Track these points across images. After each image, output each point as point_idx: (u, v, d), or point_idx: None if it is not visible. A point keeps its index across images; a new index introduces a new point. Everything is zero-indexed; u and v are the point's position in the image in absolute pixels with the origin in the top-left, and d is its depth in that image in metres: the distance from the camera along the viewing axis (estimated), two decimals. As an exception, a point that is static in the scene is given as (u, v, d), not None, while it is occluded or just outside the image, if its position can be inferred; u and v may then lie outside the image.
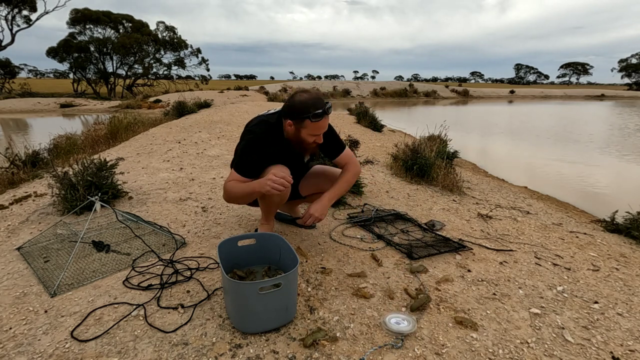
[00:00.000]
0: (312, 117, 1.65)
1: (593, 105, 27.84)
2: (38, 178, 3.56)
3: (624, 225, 2.85)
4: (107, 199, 2.65)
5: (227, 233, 2.26)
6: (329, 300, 1.57)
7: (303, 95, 1.69)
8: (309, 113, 1.65)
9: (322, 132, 1.75)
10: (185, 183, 3.30)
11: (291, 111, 1.70)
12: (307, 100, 1.66)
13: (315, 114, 1.65)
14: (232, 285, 1.33)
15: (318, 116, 1.66)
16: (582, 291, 1.78)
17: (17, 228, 2.33)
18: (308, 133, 1.72)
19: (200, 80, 36.31)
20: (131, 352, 1.26)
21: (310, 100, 1.66)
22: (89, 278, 1.72)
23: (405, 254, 2.03)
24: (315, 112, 1.64)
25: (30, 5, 24.69)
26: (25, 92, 24.84)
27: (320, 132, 1.74)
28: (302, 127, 1.70)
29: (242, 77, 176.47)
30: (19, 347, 1.29)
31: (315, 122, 1.67)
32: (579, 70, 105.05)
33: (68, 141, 5.77)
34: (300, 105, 1.67)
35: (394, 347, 1.31)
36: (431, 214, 2.81)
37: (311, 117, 1.65)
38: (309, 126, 1.69)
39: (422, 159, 3.83)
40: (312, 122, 1.67)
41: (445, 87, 41.60)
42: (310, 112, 1.65)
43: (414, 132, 6.47)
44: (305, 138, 1.74)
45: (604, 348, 1.38)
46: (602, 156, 7.79)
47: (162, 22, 58.34)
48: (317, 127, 1.70)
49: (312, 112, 1.64)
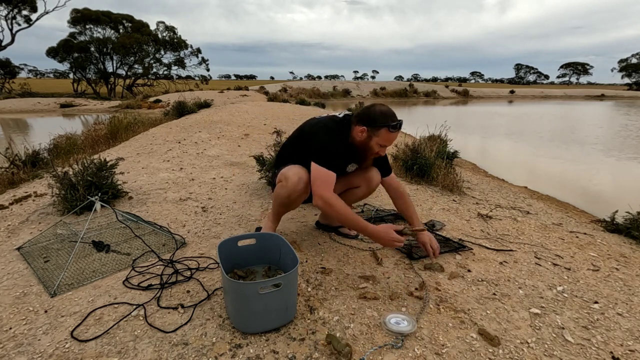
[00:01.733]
0: (390, 127, 1.74)
1: (593, 105, 27.84)
2: (38, 178, 3.56)
3: (624, 225, 2.84)
4: (107, 199, 2.65)
5: (227, 233, 2.26)
6: (329, 300, 1.57)
7: (383, 107, 1.79)
8: (388, 123, 1.74)
9: (390, 144, 1.83)
10: (185, 183, 3.30)
11: (369, 118, 1.77)
12: (387, 111, 1.77)
13: (393, 125, 1.74)
14: (232, 285, 1.33)
15: (395, 127, 1.75)
16: (582, 291, 1.78)
17: (17, 228, 2.33)
18: (378, 142, 1.78)
19: (200, 80, 36.32)
20: (131, 352, 1.26)
21: (390, 112, 1.77)
22: (89, 278, 1.72)
23: (405, 254, 2.03)
24: (393, 123, 1.74)
25: (30, 5, 24.69)
26: (25, 92, 24.84)
27: (389, 144, 1.82)
28: (375, 135, 1.77)
29: (242, 77, 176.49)
30: (19, 347, 1.29)
31: (391, 132, 1.76)
32: (579, 70, 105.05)
33: (68, 141, 5.77)
34: (380, 115, 1.76)
35: (394, 347, 1.31)
36: (431, 214, 2.81)
37: (390, 127, 1.74)
38: (383, 135, 1.76)
39: (422, 159, 3.83)
40: (389, 131, 1.75)
41: (445, 87, 41.61)
42: (389, 122, 1.74)
43: (414, 132, 6.47)
44: (373, 146, 1.80)
45: (604, 348, 1.38)
46: (608, 158, 7.78)
47: (162, 22, 58.35)
48: (390, 138, 1.78)
49: (391, 122, 1.74)
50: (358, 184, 2.07)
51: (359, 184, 2.07)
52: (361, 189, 2.08)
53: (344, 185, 2.10)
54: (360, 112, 1.83)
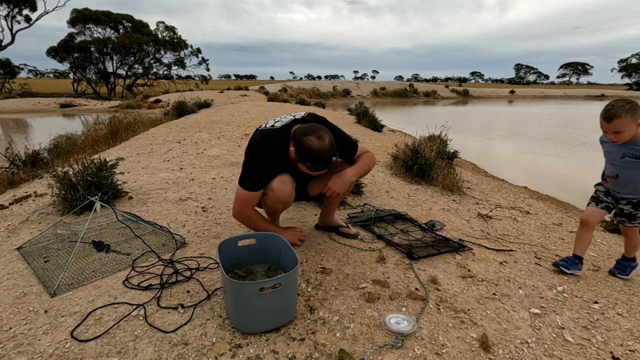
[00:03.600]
0: (309, 167, 1.72)
1: (593, 105, 27.84)
2: (38, 178, 3.56)
3: (624, 225, 2.84)
4: (107, 199, 2.65)
5: (227, 233, 2.26)
6: (329, 300, 1.57)
7: (315, 143, 1.64)
8: (308, 162, 1.69)
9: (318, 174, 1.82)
10: (185, 183, 3.30)
11: (297, 145, 1.68)
12: (315, 149, 1.64)
13: (313, 167, 1.71)
14: (232, 285, 1.33)
15: (314, 170, 1.73)
16: (582, 291, 1.78)
17: (17, 228, 2.33)
18: (305, 170, 1.77)
19: (200, 80, 36.33)
20: (131, 352, 1.26)
21: (317, 151, 1.64)
22: (89, 278, 1.72)
23: (405, 254, 2.03)
24: (313, 167, 1.70)
25: (30, 4, 24.69)
26: (25, 92, 24.85)
27: (315, 175, 1.82)
28: (300, 163, 1.74)
29: (242, 77, 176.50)
30: (19, 347, 1.29)
31: (311, 171, 1.75)
32: (579, 70, 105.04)
33: (68, 141, 5.77)
34: (306, 150, 1.65)
35: (394, 347, 1.31)
36: (431, 214, 2.81)
37: (309, 167, 1.71)
38: (305, 168, 1.74)
39: (422, 159, 3.83)
40: (308, 170, 1.74)
41: (445, 87, 41.62)
42: (311, 162, 1.68)
43: (414, 132, 6.47)
44: (302, 169, 1.78)
45: (604, 348, 1.38)
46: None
47: (162, 22, 58.37)
48: (313, 173, 1.78)
49: (312, 165, 1.69)
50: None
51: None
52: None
53: (320, 188, 2.08)
54: (297, 131, 1.72)
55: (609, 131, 1.70)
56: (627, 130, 1.65)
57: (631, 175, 1.79)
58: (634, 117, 1.62)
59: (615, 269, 1.99)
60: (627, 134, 1.67)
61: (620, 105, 1.64)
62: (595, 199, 1.96)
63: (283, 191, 1.84)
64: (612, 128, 1.67)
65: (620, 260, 2.02)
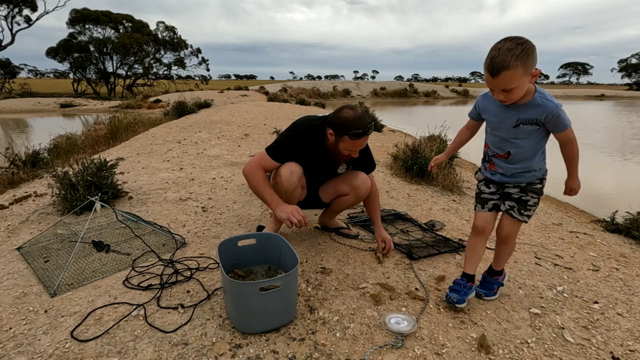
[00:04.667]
0: (351, 135, 1.74)
1: (593, 105, 27.82)
2: (38, 178, 3.56)
3: (624, 225, 2.85)
4: (107, 199, 2.65)
5: (227, 233, 2.26)
6: (329, 300, 1.57)
7: (349, 112, 1.77)
8: (349, 131, 1.74)
9: (358, 149, 1.84)
10: (185, 183, 3.30)
11: (334, 123, 1.79)
12: (351, 118, 1.75)
13: (355, 134, 1.74)
14: (232, 285, 1.33)
15: (357, 136, 1.75)
16: (582, 291, 1.78)
17: (17, 228, 2.33)
18: (345, 147, 1.81)
19: (200, 80, 36.32)
20: (131, 352, 1.26)
21: (353, 119, 1.74)
22: (89, 278, 1.72)
23: (405, 254, 2.03)
24: (354, 132, 1.74)
25: (30, 4, 24.69)
26: (25, 92, 24.84)
27: (356, 149, 1.83)
28: (340, 140, 1.79)
29: (242, 77, 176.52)
30: (19, 347, 1.28)
31: (353, 140, 1.76)
32: (579, 70, 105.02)
33: (68, 141, 5.77)
34: (344, 121, 1.76)
35: (394, 347, 1.31)
36: (431, 214, 2.81)
37: (350, 135, 1.74)
38: (347, 142, 1.78)
39: (422, 159, 3.83)
40: (350, 139, 1.76)
41: (445, 87, 41.61)
42: (351, 131, 1.74)
43: (414, 132, 6.47)
44: (342, 150, 1.83)
45: (604, 348, 1.38)
46: (608, 158, 7.78)
47: (162, 22, 58.38)
48: (354, 144, 1.79)
49: (353, 131, 1.74)
50: (346, 192, 2.06)
51: (347, 191, 2.06)
52: (350, 196, 2.07)
53: (332, 194, 2.11)
54: (332, 114, 1.85)
55: (496, 89, 1.26)
56: (521, 85, 1.21)
57: (526, 150, 1.38)
58: (527, 65, 1.17)
59: (482, 288, 1.62)
60: (521, 89, 1.24)
61: (507, 48, 1.16)
62: (480, 200, 1.56)
63: (289, 180, 1.85)
64: (500, 84, 1.22)
65: (487, 276, 1.63)
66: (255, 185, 1.87)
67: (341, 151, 1.84)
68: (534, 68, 1.20)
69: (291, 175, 1.85)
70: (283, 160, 1.89)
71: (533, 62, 1.18)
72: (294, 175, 1.86)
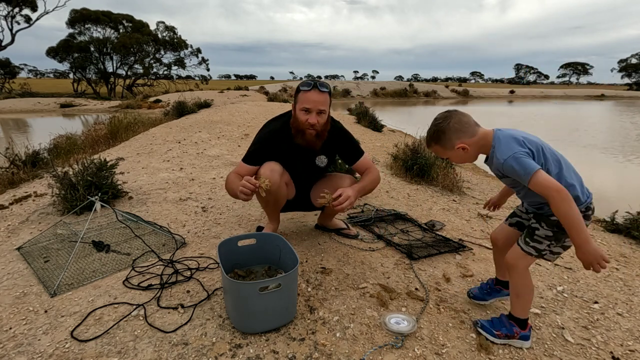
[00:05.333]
0: (300, 87, 1.79)
1: (593, 105, 27.83)
2: (38, 178, 3.56)
3: (624, 225, 2.85)
4: (107, 199, 2.65)
5: (227, 233, 2.26)
6: (329, 300, 1.57)
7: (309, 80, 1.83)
8: (301, 89, 1.78)
9: (312, 108, 1.77)
10: (185, 183, 3.30)
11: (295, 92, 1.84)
12: (306, 81, 1.81)
13: (304, 83, 1.78)
14: (232, 285, 1.33)
15: (306, 85, 1.77)
16: (582, 291, 1.78)
17: (17, 228, 2.33)
18: (299, 108, 1.79)
19: (200, 80, 36.33)
20: (131, 352, 1.26)
21: (308, 80, 1.80)
22: (89, 278, 1.72)
23: (405, 254, 2.03)
24: (304, 82, 1.78)
25: (30, 4, 24.69)
26: (25, 92, 24.85)
27: (310, 106, 1.77)
28: (296, 102, 1.82)
29: (242, 77, 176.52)
30: (19, 347, 1.28)
31: (306, 92, 1.76)
32: (579, 70, 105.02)
33: (68, 141, 5.77)
34: (300, 84, 1.82)
35: (394, 347, 1.31)
36: (431, 214, 2.81)
37: (300, 88, 1.78)
38: (301, 99, 1.78)
39: (422, 159, 3.83)
40: (302, 92, 1.78)
41: (445, 87, 41.62)
42: (303, 88, 1.78)
43: (414, 132, 6.47)
44: (299, 116, 1.80)
45: (604, 348, 1.38)
46: (608, 158, 7.78)
47: (162, 22, 58.38)
48: (307, 98, 1.77)
49: (303, 84, 1.78)
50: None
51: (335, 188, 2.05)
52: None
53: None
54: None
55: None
56: (451, 156, 1.29)
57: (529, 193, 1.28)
58: (443, 143, 1.27)
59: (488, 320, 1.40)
60: (454, 159, 1.30)
61: (429, 131, 1.30)
62: (510, 214, 1.49)
63: (270, 179, 1.78)
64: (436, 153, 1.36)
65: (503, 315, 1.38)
66: (229, 189, 1.88)
67: (299, 118, 1.79)
68: (456, 141, 1.24)
69: (272, 173, 1.82)
70: (255, 162, 1.89)
71: (450, 139, 1.24)
72: (274, 174, 1.83)
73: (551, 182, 1.11)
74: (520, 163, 1.14)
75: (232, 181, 1.85)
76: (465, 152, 1.26)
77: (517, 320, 1.32)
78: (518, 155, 1.14)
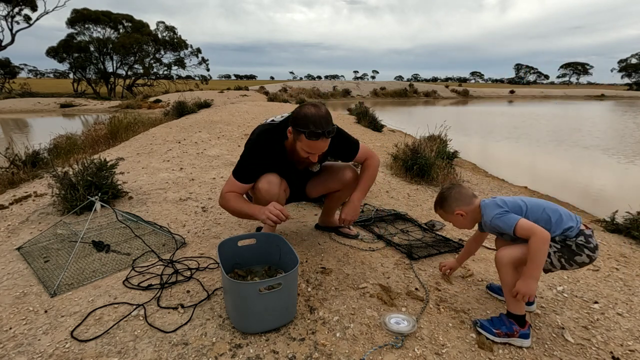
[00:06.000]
0: (307, 134, 1.57)
1: (593, 105, 27.84)
2: (38, 178, 3.57)
3: (624, 225, 2.85)
4: (107, 199, 2.65)
5: (227, 233, 2.26)
6: (329, 300, 1.57)
7: (311, 109, 1.60)
8: (306, 129, 1.57)
9: (316, 153, 1.67)
10: (185, 183, 3.30)
11: (294, 119, 1.63)
12: (310, 115, 1.58)
13: (312, 132, 1.56)
14: (232, 285, 1.33)
15: (314, 135, 1.57)
16: (582, 291, 1.78)
17: (17, 228, 2.33)
18: (302, 148, 1.65)
19: (200, 80, 36.33)
20: (131, 352, 1.26)
21: (313, 116, 1.57)
22: (89, 278, 1.72)
23: (405, 254, 2.03)
24: (312, 130, 1.56)
25: (30, 4, 24.69)
26: (25, 92, 24.85)
27: (314, 152, 1.66)
28: (298, 139, 1.64)
29: (242, 77, 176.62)
30: (19, 347, 1.28)
31: (309, 140, 1.59)
32: (579, 70, 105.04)
33: (68, 141, 5.77)
34: (302, 117, 1.59)
35: (394, 347, 1.31)
36: (431, 214, 2.81)
37: (307, 134, 1.57)
38: (304, 142, 1.61)
39: (422, 159, 3.83)
40: (307, 139, 1.59)
41: (445, 87, 41.62)
42: (308, 129, 1.57)
43: (414, 132, 6.47)
44: (299, 151, 1.68)
45: (604, 348, 1.38)
46: (608, 158, 7.78)
47: (162, 22, 58.41)
48: (311, 146, 1.62)
49: (310, 129, 1.56)
50: (337, 188, 2.03)
51: (337, 187, 2.02)
52: (342, 192, 2.04)
53: (322, 190, 2.06)
54: (295, 109, 1.68)
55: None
56: (453, 220, 1.54)
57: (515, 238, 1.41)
58: (446, 209, 1.52)
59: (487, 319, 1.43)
60: (456, 223, 1.54)
61: (436, 198, 1.57)
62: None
63: (269, 192, 1.76)
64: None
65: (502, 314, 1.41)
66: (233, 209, 1.78)
67: (299, 152, 1.67)
68: (457, 208, 1.48)
69: (270, 186, 1.76)
70: (251, 180, 1.78)
71: (450, 205, 1.50)
72: (273, 186, 1.76)
73: (533, 226, 1.31)
74: (502, 220, 1.38)
75: (236, 201, 1.76)
76: (463, 218, 1.49)
77: (516, 317, 1.37)
78: (498, 215, 1.40)
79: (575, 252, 1.34)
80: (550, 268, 1.40)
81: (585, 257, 1.34)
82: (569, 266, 1.37)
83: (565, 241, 1.35)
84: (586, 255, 1.33)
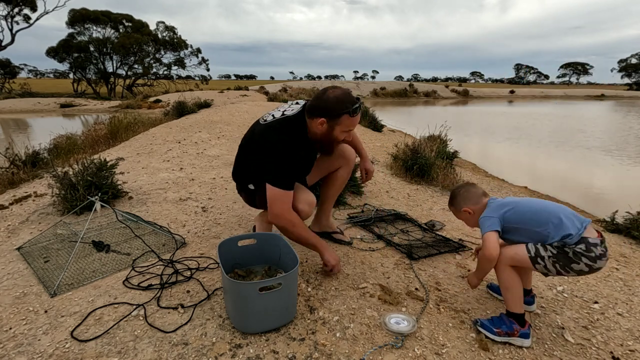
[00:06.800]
0: (351, 112, 1.59)
1: (593, 105, 27.83)
2: (38, 178, 3.57)
3: (624, 225, 2.85)
4: (107, 199, 2.65)
5: (227, 233, 2.26)
6: (329, 300, 1.57)
7: (336, 91, 1.62)
8: (347, 108, 1.58)
9: (354, 128, 1.71)
10: (185, 183, 3.30)
11: (325, 108, 1.61)
12: (342, 96, 1.60)
13: (354, 109, 1.59)
14: (232, 285, 1.33)
15: (356, 111, 1.60)
16: (582, 291, 1.78)
17: (17, 228, 2.33)
18: (342, 130, 1.65)
19: (200, 80, 36.35)
20: (131, 352, 1.26)
21: (344, 95, 1.61)
22: (89, 278, 1.72)
23: (405, 254, 2.03)
24: (353, 107, 1.59)
25: (30, 4, 24.69)
26: (25, 92, 24.86)
27: (353, 128, 1.69)
28: (337, 124, 1.62)
29: (242, 77, 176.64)
30: (19, 347, 1.29)
31: (353, 116, 1.61)
32: (579, 70, 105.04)
33: (68, 141, 5.77)
34: (336, 102, 1.59)
35: (394, 347, 1.31)
36: (431, 214, 2.81)
37: (350, 112, 1.59)
38: (345, 122, 1.62)
39: (422, 159, 3.83)
40: (350, 117, 1.61)
41: (445, 87, 41.63)
42: (349, 108, 1.58)
43: (414, 132, 6.47)
44: (338, 136, 1.67)
45: (604, 348, 1.38)
46: (608, 158, 7.78)
47: (162, 22, 58.41)
48: (353, 122, 1.64)
49: (350, 107, 1.58)
50: (338, 165, 2.00)
51: (339, 164, 2.00)
52: (343, 168, 2.01)
53: (323, 170, 2.03)
54: (314, 102, 1.66)
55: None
56: (463, 218, 1.58)
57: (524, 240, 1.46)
58: (456, 206, 1.57)
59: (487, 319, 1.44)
60: (467, 220, 1.57)
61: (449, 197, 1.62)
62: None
63: (308, 214, 1.78)
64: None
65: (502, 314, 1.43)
66: (298, 236, 1.69)
67: (337, 137, 1.67)
68: (465, 206, 1.53)
69: (309, 207, 1.77)
70: (293, 184, 1.70)
71: (459, 203, 1.55)
72: (311, 207, 1.78)
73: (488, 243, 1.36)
74: (482, 224, 1.44)
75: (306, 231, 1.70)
76: (471, 215, 1.53)
77: (515, 316, 1.37)
78: (483, 219, 1.45)
79: (571, 259, 1.30)
80: (547, 272, 1.38)
81: (583, 265, 1.29)
82: (566, 273, 1.34)
83: (563, 247, 1.32)
84: (584, 264, 1.28)
